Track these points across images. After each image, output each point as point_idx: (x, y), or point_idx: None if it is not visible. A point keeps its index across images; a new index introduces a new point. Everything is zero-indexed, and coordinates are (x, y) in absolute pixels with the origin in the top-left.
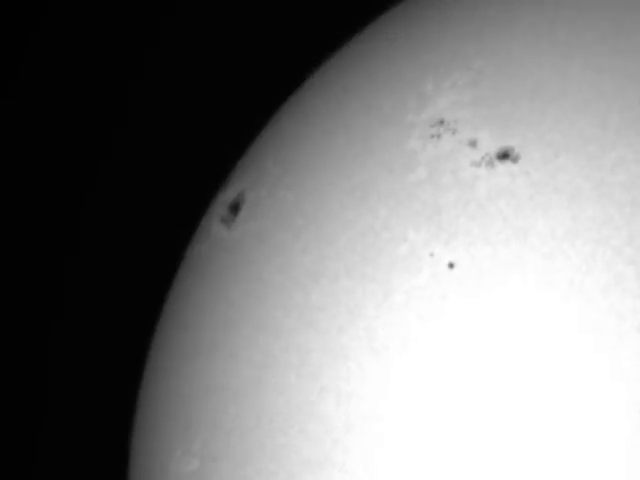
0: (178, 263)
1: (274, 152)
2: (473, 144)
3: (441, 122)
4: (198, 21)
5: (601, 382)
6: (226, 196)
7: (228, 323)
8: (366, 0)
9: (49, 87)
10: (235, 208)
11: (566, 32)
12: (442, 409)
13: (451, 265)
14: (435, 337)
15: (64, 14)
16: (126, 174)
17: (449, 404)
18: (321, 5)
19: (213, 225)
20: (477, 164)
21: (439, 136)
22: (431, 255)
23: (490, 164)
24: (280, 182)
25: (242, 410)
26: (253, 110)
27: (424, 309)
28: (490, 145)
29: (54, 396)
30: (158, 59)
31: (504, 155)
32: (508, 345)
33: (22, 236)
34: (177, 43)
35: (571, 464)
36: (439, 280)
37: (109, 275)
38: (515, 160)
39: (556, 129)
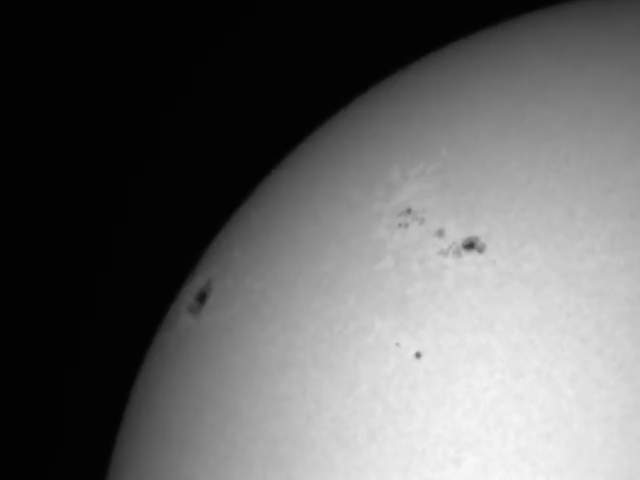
0: (145, 352)
1: (241, 241)
2: (440, 233)
3: (408, 211)
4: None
5: (568, 473)
6: (193, 285)
7: (195, 413)
8: (331, 90)
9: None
10: (202, 297)
11: (533, 120)
12: None
13: (418, 355)
14: (402, 428)
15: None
16: (98, 262)
17: None
18: (288, 95)
19: (180, 314)
20: (444, 253)
21: (407, 225)
22: (397, 345)
23: (457, 253)
24: (247, 271)
25: None
26: (220, 200)
27: (391, 399)
28: (456, 234)
29: None
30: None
31: (470, 245)
32: (476, 435)
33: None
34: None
35: None
36: (406, 370)
37: (79, 362)
38: (481, 250)
39: (523, 218)
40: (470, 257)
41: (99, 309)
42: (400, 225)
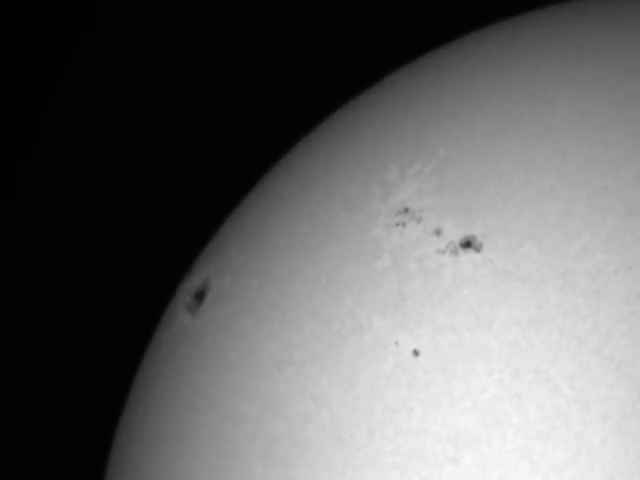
0: (143, 350)
1: (239, 240)
2: (438, 232)
3: (406, 210)
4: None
5: (567, 472)
6: (191, 283)
7: (193, 411)
8: (328, 89)
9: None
10: (200, 295)
11: (531, 118)
12: None
13: (416, 353)
14: (401, 426)
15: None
16: (96, 261)
17: None
18: (286, 94)
19: (178, 312)
20: (442, 252)
21: (404, 224)
22: (396, 343)
23: (454, 252)
24: (244, 269)
25: None
26: (218, 198)
27: (389, 398)
28: (454, 233)
29: None
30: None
31: (467, 243)
32: (474, 433)
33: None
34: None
35: None
36: (404, 368)
37: (77, 360)
38: (478, 249)
39: (520, 216)
40: (467, 256)
41: (97, 308)
42: (398, 224)
